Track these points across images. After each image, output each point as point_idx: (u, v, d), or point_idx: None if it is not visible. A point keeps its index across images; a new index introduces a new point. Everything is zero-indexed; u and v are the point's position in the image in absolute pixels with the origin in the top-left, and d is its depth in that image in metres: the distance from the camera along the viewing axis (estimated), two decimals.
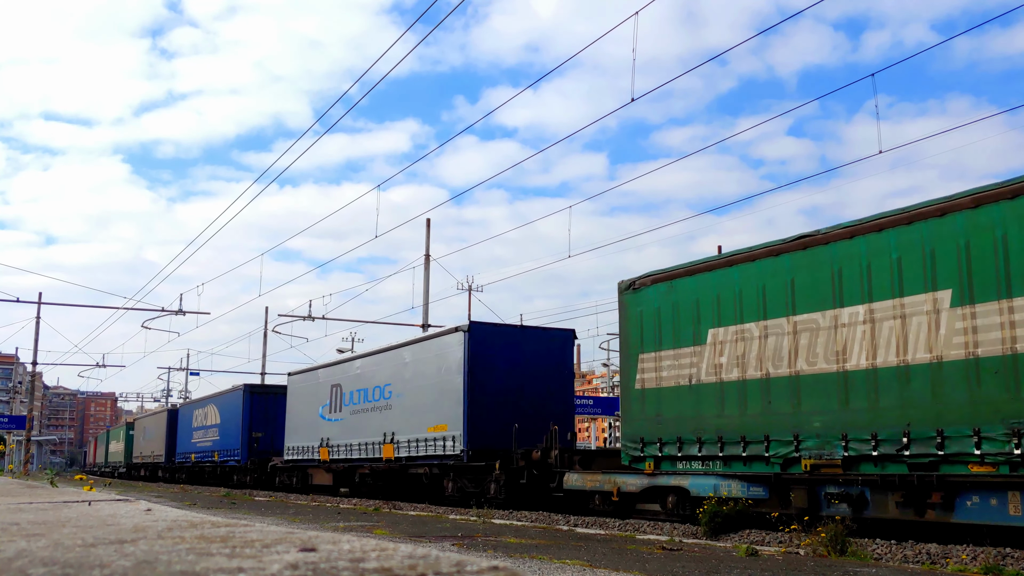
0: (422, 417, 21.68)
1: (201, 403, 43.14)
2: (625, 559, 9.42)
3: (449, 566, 1.87)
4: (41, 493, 9.84)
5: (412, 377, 22.57)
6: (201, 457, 41.26)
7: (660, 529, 14.01)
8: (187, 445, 44.17)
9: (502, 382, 20.57)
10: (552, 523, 15.61)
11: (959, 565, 9.26)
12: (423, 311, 33.19)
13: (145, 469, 55.93)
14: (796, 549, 10.76)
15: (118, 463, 67.88)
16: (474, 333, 20.60)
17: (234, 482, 36.63)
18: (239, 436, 35.35)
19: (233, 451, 36.20)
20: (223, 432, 37.72)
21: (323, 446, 27.29)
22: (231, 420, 36.64)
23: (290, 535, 2.82)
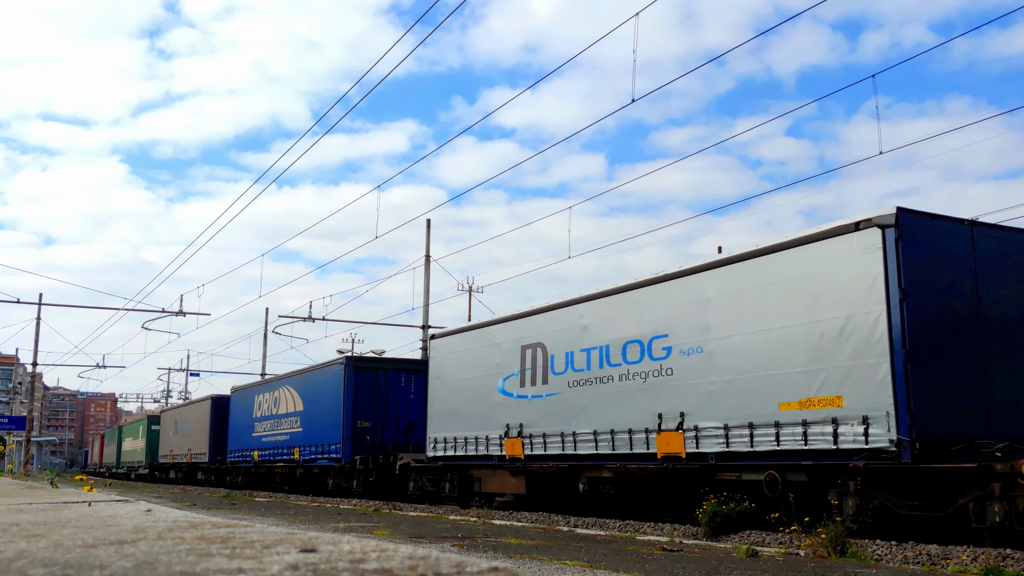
0: (773, 386, 12.82)
1: (267, 386, 34.14)
2: (625, 560, 9.42)
3: (449, 567, 1.87)
4: (41, 494, 9.84)
5: (733, 319, 13.66)
6: (270, 455, 32.28)
7: (660, 530, 14.01)
8: (245, 440, 35.25)
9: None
10: (552, 524, 15.62)
11: (959, 566, 9.26)
12: (423, 312, 33.20)
13: (178, 471, 46.99)
14: (796, 550, 10.76)
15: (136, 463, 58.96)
16: (906, 227, 11.46)
17: (329, 488, 27.55)
18: (338, 426, 26.35)
19: (326, 447, 27.36)
20: (309, 422, 28.87)
21: (511, 436, 18.35)
22: (323, 405, 27.74)
23: (290, 536, 2.82)
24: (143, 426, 57.57)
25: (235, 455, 36.52)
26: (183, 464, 45.02)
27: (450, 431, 20.42)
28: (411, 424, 26.47)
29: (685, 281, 14.65)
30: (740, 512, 13.04)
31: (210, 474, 40.93)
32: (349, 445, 26.08)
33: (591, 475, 16.45)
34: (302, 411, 29.46)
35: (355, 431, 26.11)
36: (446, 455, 20.55)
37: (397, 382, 26.69)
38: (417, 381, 26.22)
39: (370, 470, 25.34)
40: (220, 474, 39.48)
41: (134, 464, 60.10)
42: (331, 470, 27.29)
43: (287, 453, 30.43)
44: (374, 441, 26.22)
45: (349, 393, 26.17)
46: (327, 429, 27.20)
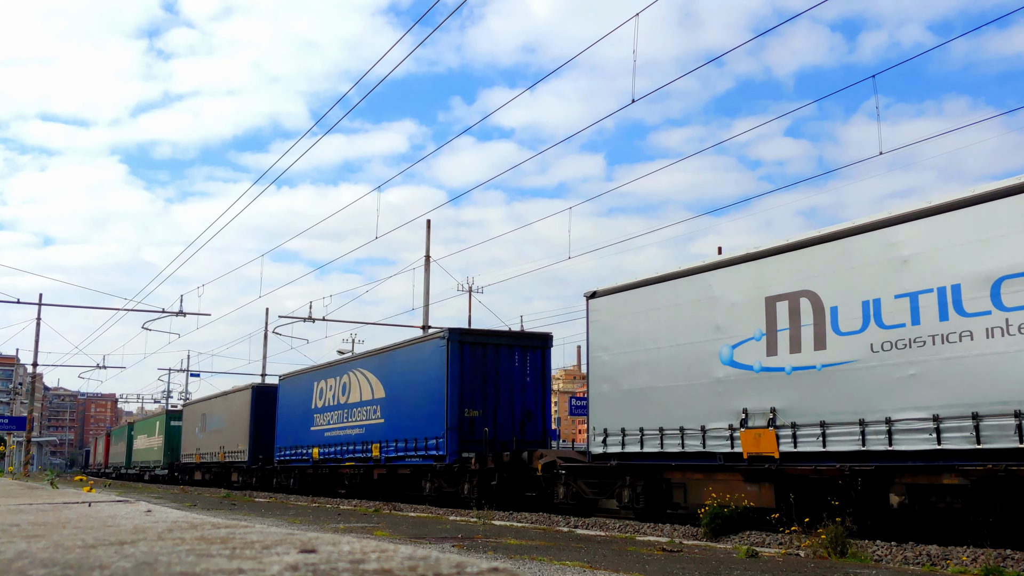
0: None
1: (331, 370, 28.49)
2: (625, 561, 9.42)
3: (449, 567, 1.87)
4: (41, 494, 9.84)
5: None
6: (336, 453, 27.04)
7: (660, 531, 14.01)
8: (299, 435, 29.98)
9: None
10: (552, 524, 15.62)
11: (959, 567, 9.26)
12: (423, 312, 33.20)
13: (206, 471, 41.35)
14: (796, 550, 10.76)
15: (152, 463, 53.37)
16: None
17: (427, 492, 22.09)
18: (439, 416, 21.03)
19: (421, 442, 21.86)
20: (395, 411, 23.64)
21: (752, 425, 13.32)
22: (416, 390, 22.50)
23: (290, 536, 2.82)
24: (160, 422, 52.01)
25: (285, 453, 31.04)
26: (213, 464, 39.50)
27: (629, 420, 15.56)
28: (528, 414, 21.58)
29: None
30: (740, 513, 13.04)
31: (250, 475, 35.24)
32: (455, 440, 20.66)
33: (915, 481, 11.27)
34: (384, 399, 24.10)
35: (461, 422, 20.78)
36: (624, 452, 15.65)
37: (510, 361, 21.65)
38: (533, 361, 21.97)
39: (490, 471, 19.94)
40: (264, 476, 33.90)
41: (149, 464, 54.36)
42: (428, 471, 21.93)
43: (362, 450, 25.09)
44: (481, 434, 20.88)
45: (454, 374, 20.88)
46: (422, 420, 21.85)
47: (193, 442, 43.23)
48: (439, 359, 21.26)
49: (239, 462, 35.83)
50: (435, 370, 21.42)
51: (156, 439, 52.38)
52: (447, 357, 20.97)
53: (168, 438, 49.61)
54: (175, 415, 50.55)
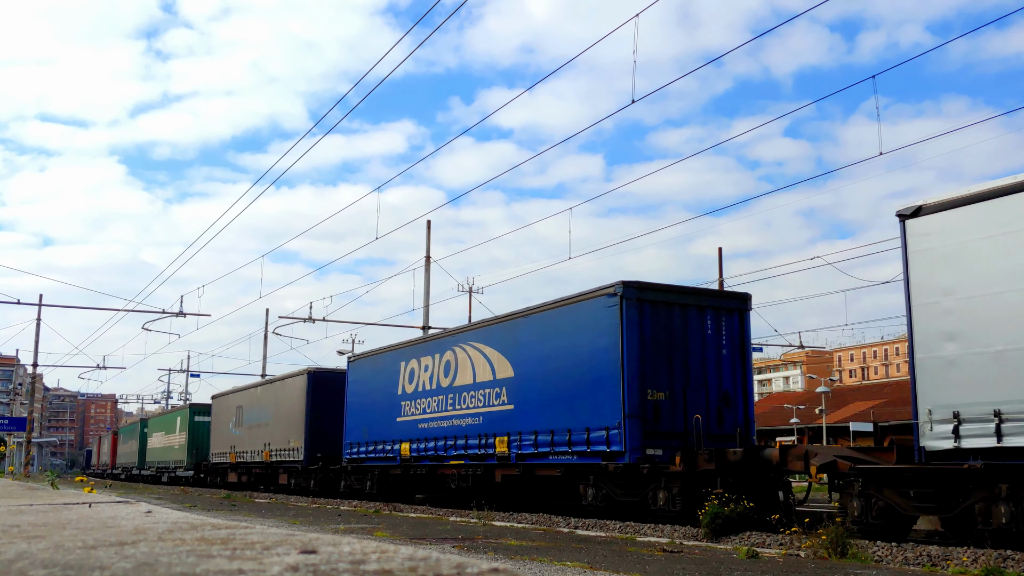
0: None
1: (426, 347, 23.08)
2: (626, 561, 9.42)
3: (450, 568, 1.87)
4: (41, 495, 9.84)
5: None
6: (436, 448, 21.46)
7: (661, 531, 14.01)
8: (380, 428, 24.26)
9: None
10: (552, 525, 15.61)
11: (960, 567, 9.26)
12: (423, 313, 33.21)
13: (244, 473, 35.89)
14: (797, 551, 10.76)
15: (173, 464, 47.76)
16: None
17: (589, 500, 16.63)
18: (613, 399, 15.76)
19: (577, 434, 16.56)
20: (532, 394, 18.23)
21: None
22: (568, 364, 17.24)
23: (291, 537, 2.82)
24: (183, 417, 46.26)
25: (359, 450, 25.48)
26: (255, 464, 34.05)
27: (1007, 396, 10.74)
28: (725, 397, 16.44)
29: None
30: (741, 513, 13.04)
31: (306, 477, 29.57)
32: (636, 431, 15.34)
33: None
34: (512, 379, 18.88)
35: (644, 407, 15.53)
36: (999, 446, 10.72)
37: (701, 326, 16.57)
38: (730, 327, 16.79)
39: (703, 475, 14.60)
40: (327, 477, 28.27)
41: (168, 464, 48.63)
42: (590, 473, 16.43)
43: (478, 444, 19.78)
44: (670, 424, 15.75)
45: (632, 342, 15.65)
46: (580, 405, 16.64)
47: (226, 439, 37.82)
48: (609, 322, 16.08)
49: (291, 462, 30.15)
50: (603, 338, 16.24)
51: (177, 437, 46.74)
52: (621, 319, 15.77)
53: (193, 435, 44.38)
54: (201, 409, 44.88)
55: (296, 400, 30.31)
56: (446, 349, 21.73)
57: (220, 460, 38.79)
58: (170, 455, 48.35)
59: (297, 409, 30.08)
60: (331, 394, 28.55)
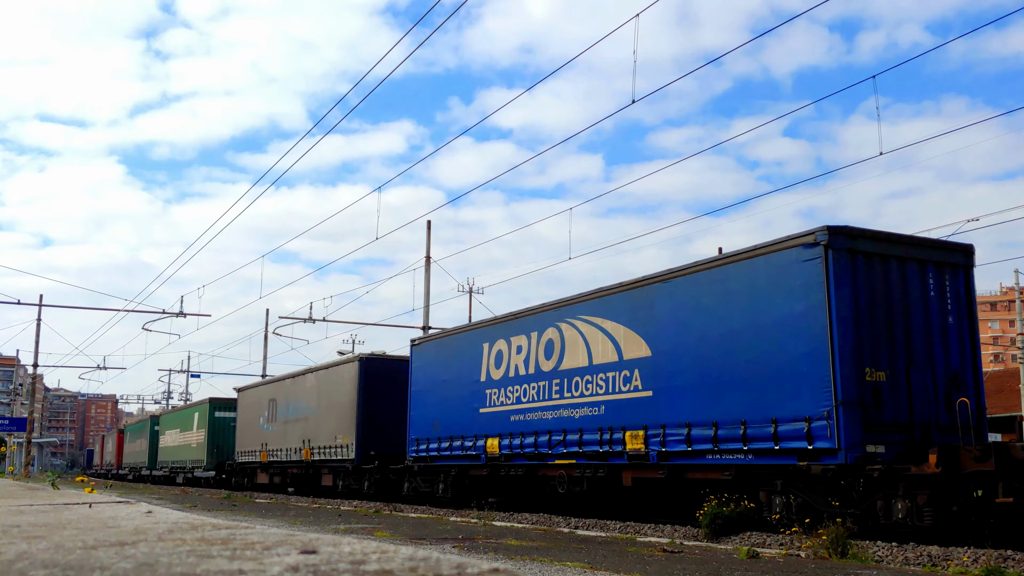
0: None
1: (514, 324, 19.37)
2: (626, 561, 9.42)
3: (450, 568, 1.87)
4: (42, 495, 9.85)
5: None
6: (535, 446, 17.94)
7: (661, 531, 14.01)
8: (457, 422, 20.65)
9: None
10: (553, 525, 15.62)
11: (960, 567, 9.25)
12: (424, 313, 33.22)
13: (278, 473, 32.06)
14: (797, 551, 10.76)
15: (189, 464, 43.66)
16: None
17: (776, 510, 13.00)
18: (819, 381, 12.26)
19: (759, 425, 13.08)
20: (674, 376, 14.90)
21: None
22: (740, 339, 13.70)
23: (291, 537, 2.82)
24: (202, 413, 42.24)
25: (429, 448, 21.68)
26: (291, 463, 30.31)
27: None
28: (954, 378, 13.05)
29: None
30: (741, 513, 13.03)
31: (358, 478, 25.76)
32: (853, 421, 12.01)
33: None
34: (648, 359, 15.31)
35: (861, 391, 12.21)
36: None
37: (921, 285, 13.18)
38: (955, 285, 13.42)
39: (971, 478, 11.34)
40: (385, 478, 24.48)
41: (185, 465, 44.49)
42: (779, 476, 12.99)
43: (598, 441, 16.13)
44: (893, 413, 12.40)
45: (844, 306, 12.26)
46: (760, 388, 13.18)
47: (256, 436, 33.87)
48: (806, 281, 12.63)
49: (339, 460, 26.36)
50: (796, 302, 12.79)
51: (194, 434, 42.94)
52: (828, 276, 12.32)
53: (214, 432, 40.51)
54: (223, 404, 41.15)
55: (345, 390, 26.44)
56: (547, 326, 18.13)
57: (248, 460, 34.85)
58: (187, 454, 44.36)
59: (346, 401, 26.22)
60: (387, 383, 25.48)
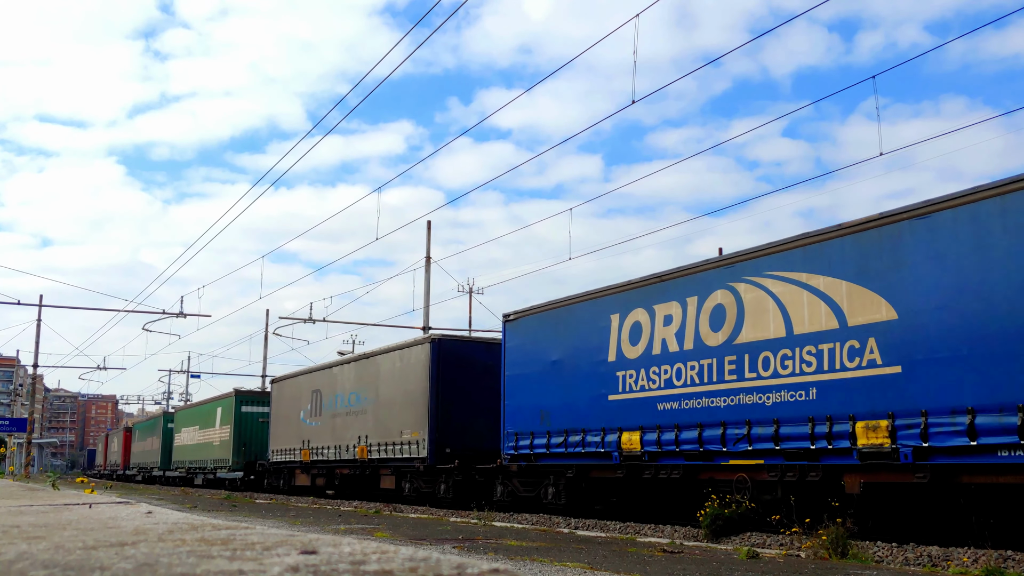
0: None
1: (657, 290, 15.75)
2: (626, 562, 9.42)
3: (450, 568, 1.88)
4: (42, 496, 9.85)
5: None
6: (696, 440, 14.21)
7: (661, 532, 14.01)
8: (574, 411, 17.12)
9: None
10: (553, 526, 15.62)
11: (960, 568, 9.25)
12: (424, 313, 33.21)
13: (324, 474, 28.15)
14: (797, 552, 10.76)
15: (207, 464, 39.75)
16: None
17: None
18: None
19: None
20: (950, 342, 10.81)
21: None
22: None
23: (291, 538, 2.82)
24: (226, 408, 37.69)
25: (535, 444, 17.98)
26: (343, 463, 26.18)
27: None
28: None
29: None
30: (741, 514, 13.03)
31: (431, 479, 21.99)
32: None
33: None
34: (893, 323, 11.72)
35: None
36: None
37: None
38: None
39: None
40: (469, 480, 20.81)
41: (205, 465, 40.22)
42: None
43: (808, 436, 12.50)
44: None
45: None
46: None
47: (296, 432, 29.79)
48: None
49: (405, 459, 22.60)
50: None
51: (217, 431, 38.86)
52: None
53: (241, 429, 36.30)
54: (250, 398, 37.14)
55: (414, 377, 22.46)
56: (712, 288, 14.51)
57: (286, 459, 30.54)
58: (208, 453, 40.11)
59: (415, 389, 22.23)
60: (462, 368, 21.77)
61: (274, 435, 32.17)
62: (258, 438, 35.60)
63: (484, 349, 22.04)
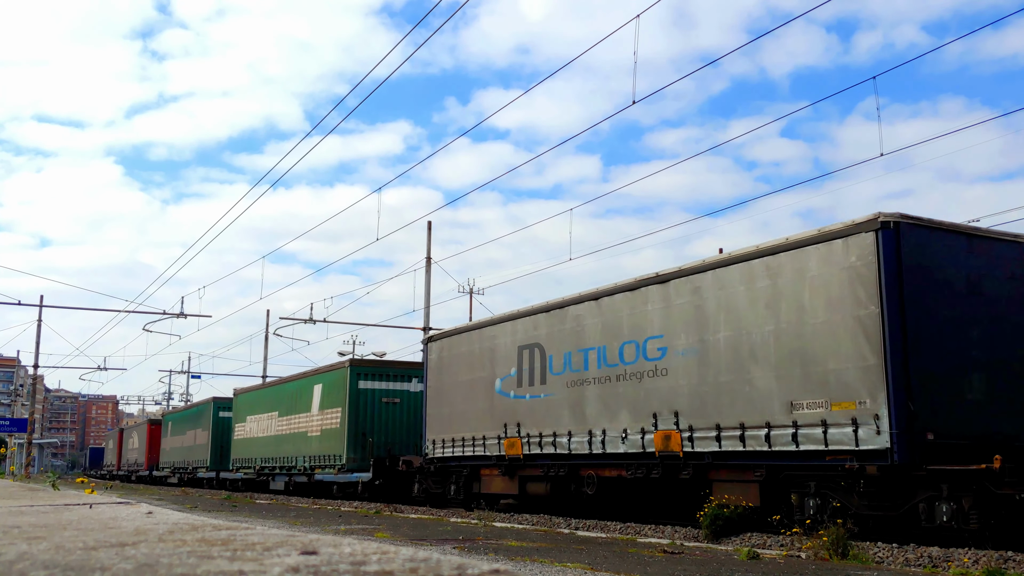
0: None
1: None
2: (626, 562, 9.41)
3: (450, 569, 1.88)
4: (42, 496, 9.85)
5: None
6: None
7: (661, 532, 14.00)
8: None
9: None
10: (553, 526, 15.61)
11: (961, 568, 9.25)
12: (424, 314, 33.21)
13: (545, 476, 17.72)
14: (798, 552, 10.75)
15: (293, 461, 30.64)
16: None
17: None
18: None
19: None
20: None
21: None
22: None
23: (291, 538, 2.82)
24: (334, 384, 28.13)
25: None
26: (610, 460, 16.08)
27: None
28: None
29: None
30: (741, 514, 13.03)
31: (885, 497, 11.56)
32: None
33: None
34: None
35: None
36: None
37: None
38: None
39: None
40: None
41: (291, 463, 30.59)
42: None
43: None
44: None
45: None
46: None
47: (483, 412, 19.99)
48: None
49: (825, 458, 12.06)
50: None
51: (316, 417, 29.06)
52: None
53: (358, 413, 26.83)
54: (371, 370, 27.85)
55: (830, 297, 12.20)
56: None
57: (460, 454, 20.71)
58: (295, 447, 30.38)
59: (843, 321, 11.92)
60: (955, 284, 12.02)
61: (433, 419, 22.30)
62: (392, 426, 27.09)
63: (1011, 249, 12.53)
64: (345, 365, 27.96)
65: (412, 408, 26.71)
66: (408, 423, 26.70)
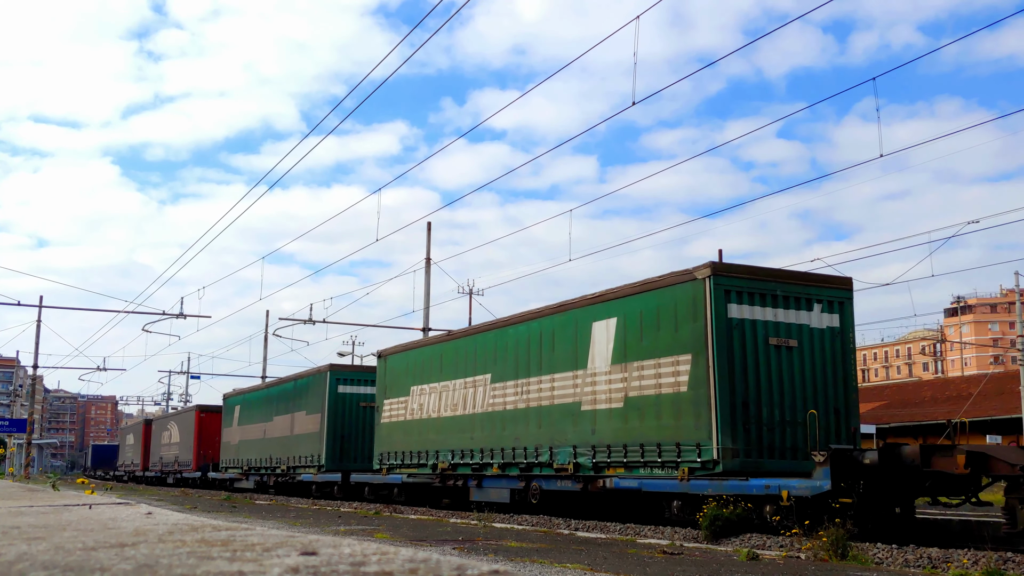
0: None
1: None
2: (626, 563, 9.41)
3: (450, 570, 1.88)
4: (42, 496, 9.85)
5: None
6: None
7: (661, 533, 14.00)
8: None
9: None
10: (553, 527, 15.61)
11: (960, 569, 9.25)
12: (424, 314, 33.21)
13: None
14: (797, 553, 10.75)
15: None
16: None
17: None
18: None
19: None
20: None
21: None
22: None
23: (291, 539, 2.82)
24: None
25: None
26: None
27: None
28: None
29: None
30: (740, 515, 13.02)
31: None
32: None
33: None
34: None
35: None
36: None
37: None
38: None
39: None
40: None
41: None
42: None
43: None
44: None
45: None
46: None
47: None
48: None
49: None
50: None
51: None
52: None
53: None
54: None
55: None
56: None
57: None
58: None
59: None
60: None
61: None
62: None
63: None
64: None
65: None
66: None
